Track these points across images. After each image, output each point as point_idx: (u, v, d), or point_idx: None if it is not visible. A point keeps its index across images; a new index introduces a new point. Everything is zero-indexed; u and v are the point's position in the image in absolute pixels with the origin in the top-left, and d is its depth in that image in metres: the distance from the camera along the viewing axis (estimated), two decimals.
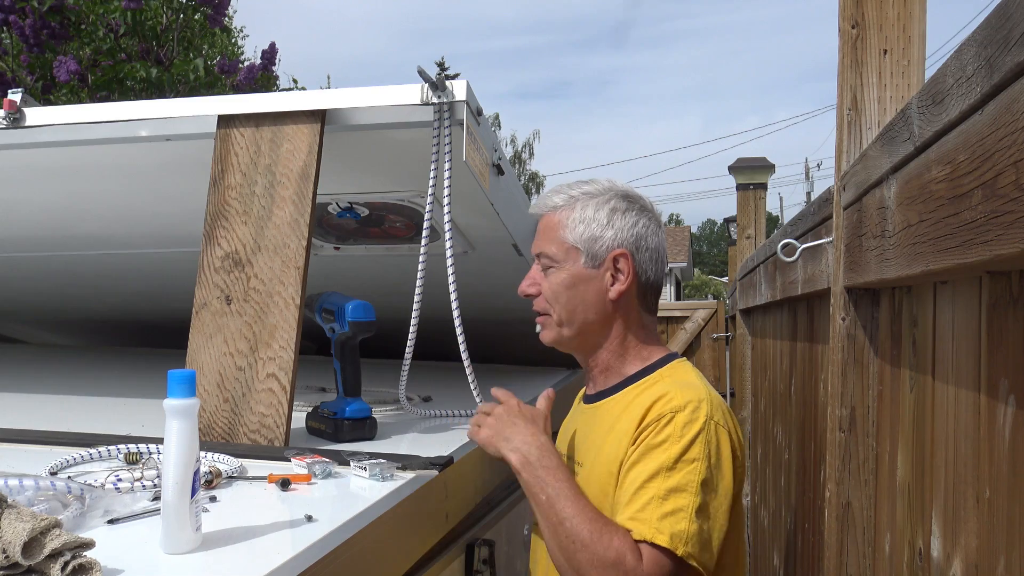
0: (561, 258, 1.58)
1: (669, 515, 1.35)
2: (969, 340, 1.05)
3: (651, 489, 1.38)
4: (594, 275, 1.57)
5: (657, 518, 1.35)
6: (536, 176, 32.17)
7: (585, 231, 1.56)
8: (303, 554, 1.07)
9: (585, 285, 1.57)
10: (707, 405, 1.45)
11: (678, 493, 1.37)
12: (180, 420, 1.08)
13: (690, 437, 1.40)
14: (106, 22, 6.00)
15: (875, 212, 1.36)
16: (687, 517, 1.35)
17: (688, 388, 1.48)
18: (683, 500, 1.36)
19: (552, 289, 1.59)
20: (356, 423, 1.77)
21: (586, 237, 1.56)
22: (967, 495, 1.05)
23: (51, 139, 2.04)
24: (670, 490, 1.37)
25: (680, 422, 1.42)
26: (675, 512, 1.36)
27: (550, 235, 1.60)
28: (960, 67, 0.91)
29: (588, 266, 1.57)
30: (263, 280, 1.75)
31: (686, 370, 1.58)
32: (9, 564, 0.92)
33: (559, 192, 1.62)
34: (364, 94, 1.84)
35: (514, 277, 2.58)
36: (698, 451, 1.40)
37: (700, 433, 1.41)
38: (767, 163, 8.10)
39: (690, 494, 1.37)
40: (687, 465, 1.39)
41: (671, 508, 1.36)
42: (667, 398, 1.46)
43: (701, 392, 1.47)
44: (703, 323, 7.40)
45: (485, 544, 1.72)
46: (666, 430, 1.42)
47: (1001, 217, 0.79)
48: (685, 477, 1.38)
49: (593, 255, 1.56)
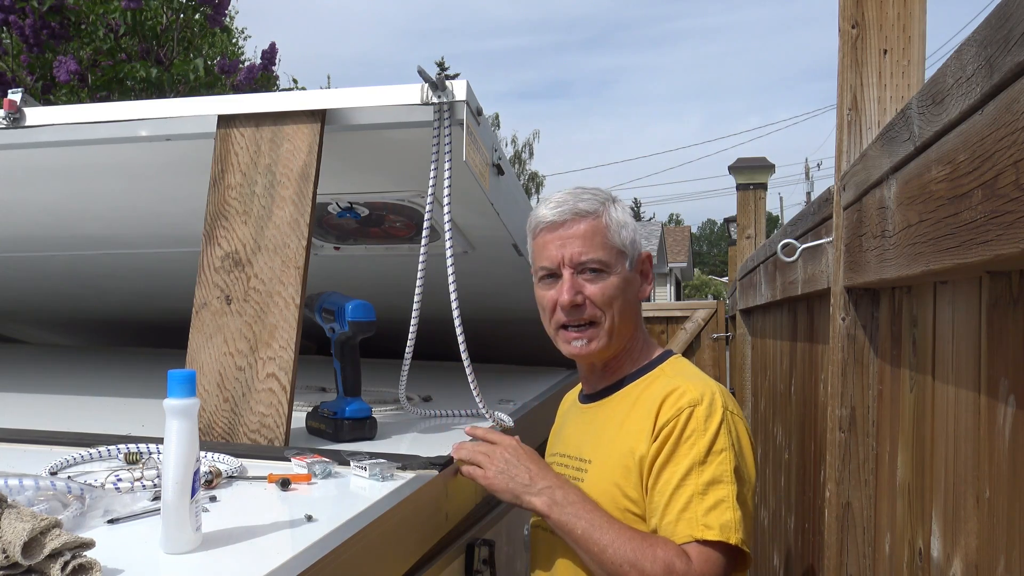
0: (612, 263, 1.56)
1: (712, 508, 1.38)
2: (969, 340, 1.05)
3: (688, 487, 1.40)
4: (633, 278, 1.60)
5: (702, 514, 1.38)
6: (536, 176, 32.17)
7: (627, 235, 1.58)
8: (303, 554, 1.07)
9: (631, 288, 1.59)
10: (720, 396, 1.48)
11: (716, 485, 1.39)
12: (180, 420, 1.08)
13: (714, 429, 1.43)
14: (106, 22, 6.01)
15: (875, 212, 1.36)
16: (730, 506, 1.38)
17: (699, 381, 1.51)
18: (722, 491, 1.39)
19: (607, 295, 1.55)
20: (356, 423, 1.77)
21: (629, 241, 1.59)
22: (967, 495, 1.05)
23: (51, 139, 2.04)
24: (708, 484, 1.40)
25: (701, 416, 1.44)
26: (718, 504, 1.38)
27: (596, 240, 1.55)
28: (960, 67, 0.91)
29: (631, 269, 1.59)
30: (263, 280, 1.74)
31: (685, 365, 1.61)
32: (9, 564, 0.92)
33: (578, 198, 1.58)
34: (364, 94, 1.84)
35: (514, 277, 2.59)
36: (724, 441, 1.42)
37: (722, 423, 1.43)
38: (767, 163, 8.10)
39: (727, 484, 1.40)
40: (717, 456, 1.41)
41: (713, 501, 1.38)
42: (679, 391, 1.47)
43: (711, 384, 1.51)
44: (703, 323, 7.40)
45: (485, 544, 1.72)
46: (690, 425, 1.43)
47: (1001, 217, 0.79)
48: (719, 468, 1.40)
49: (632, 258, 1.59)
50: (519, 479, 1.51)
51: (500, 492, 1.53)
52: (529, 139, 32.89)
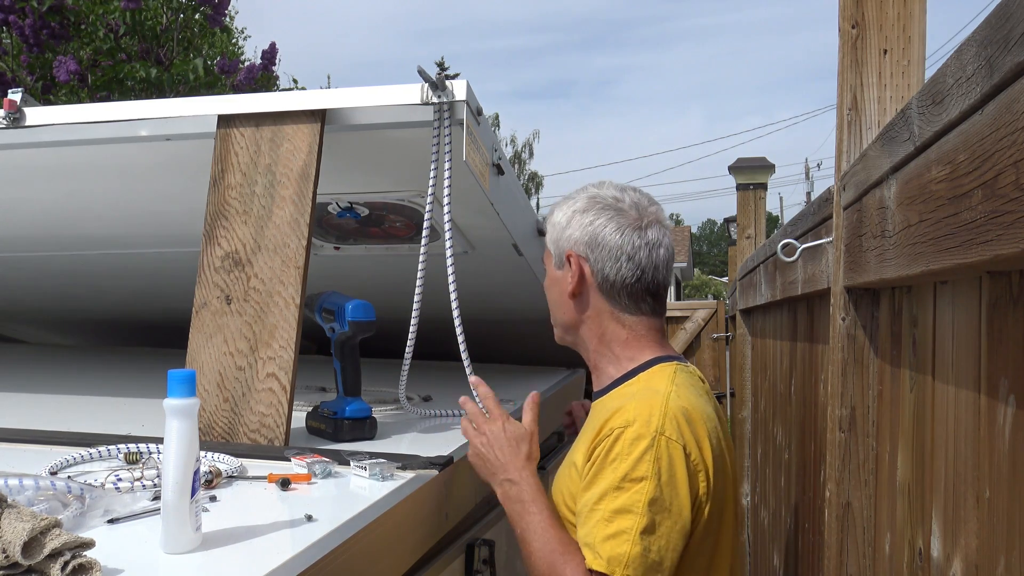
0: (546, 261, 1.69)
1: (611, 538, 1.34)
2: (969, 340, 1.05)
3: (599, 512, 1.37)
4: (560, 276, 1.64)
5: (599, 541, 1.35)
6: (536, 176, 32.17)
7: (552, 233, 1.65)
8: (303, 554, 1.08)
9: (556, 286, 1.65)
10: (659, 419, 1.40)
11: (622, 515, 1.35)
12: (180, 420, 1.08)
13: (637, 455, 1.37)
14: (106, 22, 6.01)
15: (875, 212, 1.36)
16: (629, 539, 1.33)
17: (645, 399, 1.44)
18: (627, 522, 1.34)
19: (545, 291, 1.70)
20: (356, 423, 1.77)
21: (553, 239, 1.65)
22: (967, 495, 1.05)
23: (51, 139, 2.04)
24: (615, 512, 1.35)
25: (628, 438, 1.39)
26: (617, 535, 1.34)
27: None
28: (960, 67, 0.91)
29: (556, 267, 1.65)
30: (263, 280, 1.75)
31: (663, 376, 1.52)
32: (9, 564, 0.92)
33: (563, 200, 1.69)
34: (364, 94, 1.84)
35: (514, 277, 2.59)
36: (645, 469, 1.36)
37: (648, 450, 1.37)
38: (767, 163, 8.10)
39: (635, 515, 1.34)
40: (633, 484, 1.36)
41: (614, 530, 1.34)
42: (621, 410, 1.43)
43: (656, 405, 1.42)
44: (703, 323, 7.40)
45: (485, 544, 1.72)
46: (615, 447, 1.39)
47: (1001, 217, 0.79)
48: (631, 497, 1.35)
49: (558, 256, 1.64)
50: (489, 465, 1.57)
51: (475, 469, 1.61)
52: (529, 139, 32.91)
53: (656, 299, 1.62)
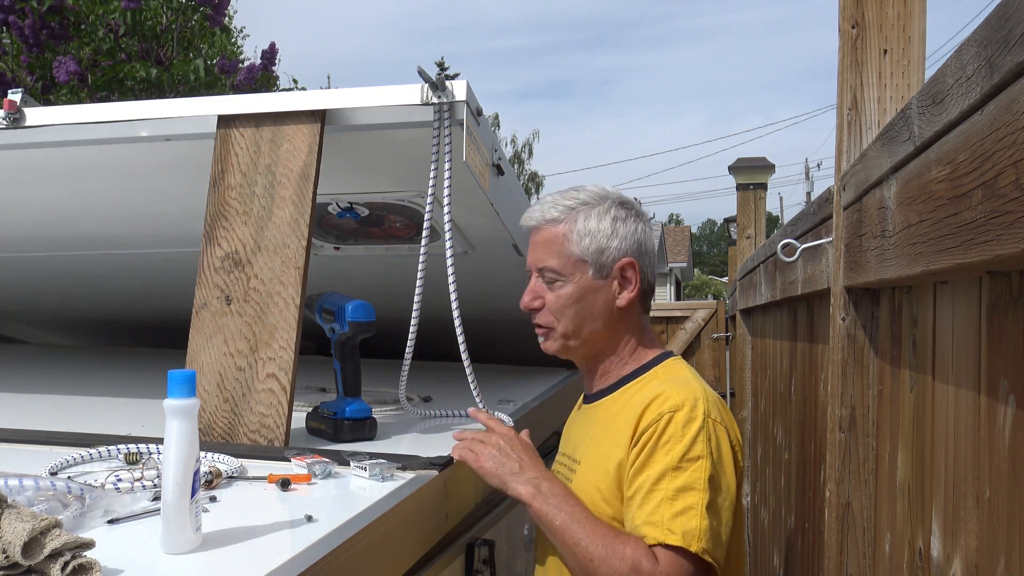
0: (568, 272, 1.57)
1: (680, 514, 1.37)
2: (969, 340, 1.05)
3: (660, 492, 1.40)
4: (602, 285, 1.57)
5: (669, 518, 1.37)
6: (536, 176, 32.14)
7: (592, 243, 1.56)
8: (303, 554, 1.07)
9: (593, 296, 1.57)
10: (704, 403, 1.46)
11: (687, 492, 1.39)
12: (180, 420, 1.08)
13: (691, 436, 1.42)
14: (106, 22, 6.00)
15: (875, 212, 1.36)
16: (698, 514, 1.37)
17: (683, 386, 1.49)
18: (692, 498, 1.38)
19: (559, 303, 1.57)
20: (356, 423, 1.77)
21: (593, 249, 1.56)
22: (967, 495, 1.05)
23: (51, 139, 2.04)
24: (678, 490, 1.39)
25: (680, 421, 1.43)
26: (686, 511, 1.38)
27: (552, 249, 1.57)
28: (960, 67, 0.91)
29: (596, 277, 1.57)
30: (263, 280, 1.74)
31: (680, 368, 1.59)
32: (9, 564, 0.92)
33: (553, 204, 1.59)
34: (364, 94, 1.84)
35: (514, 277, 2.58)
36: (701, 449, 1.41)
37: (701, 431, 1.42)
38: (767, 163, 8.10)
39: (698, 492, 1.39)
40: (692, 463, 1.40)
41: (681, 507, 1.38)
42: (663, 397, 1.47)
43: (697, 390, 1.48)
44: (703, 323, 7.40)
45: (485, 544, 1.72)
46: (668, 431, 1.43)
47: (1001, 217, 0.79)
48: (692, 475, 1.40)
49: (601, 266, 1.56)
50: (509, 466, 1.53)
51: (488, 475, 1.55)
52: (529, 139, 32.84)
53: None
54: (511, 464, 1.53)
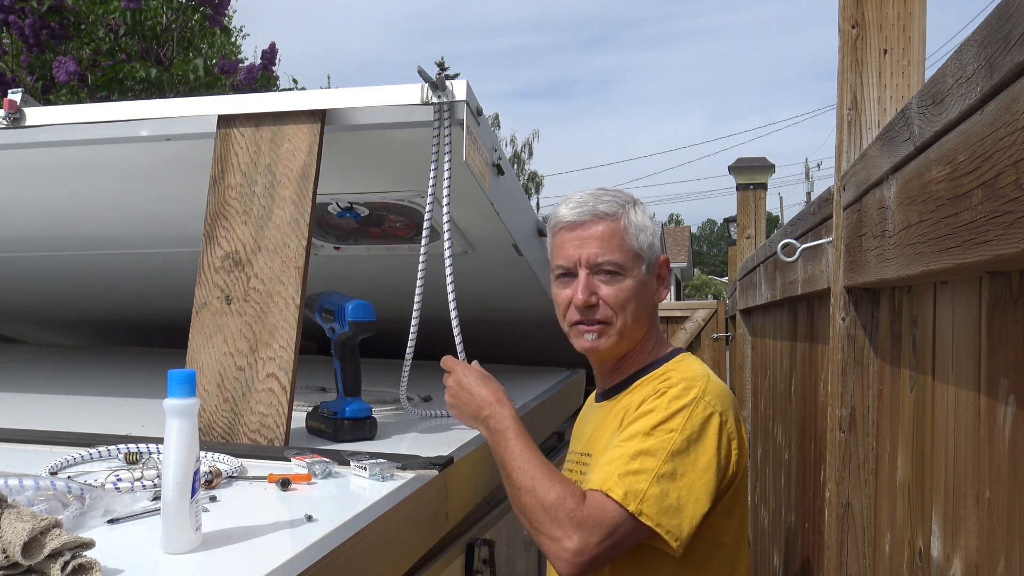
0: (629, 266, 1.57)
1: (631, 474, 1.38)
2: (969, 340, 1.05)
3: (623, 448, 1.42)
4: (649, 281, 1.61)
5: (617, 475, 1.38)
6: (536, 176, 32.15)
7: (644, 239, 1.59)
8: (303, 554, 1.08)
9: (645, 291, 1.60)
10: (702, 385, 1.48)
11: (646, 456, 1.40)
12: (180, 420, 1.08)
13: (673, 410, 1.44)
14: (106, 22, 6.00)
15: (875, 212, 1.36)
16: (648, 479, 1.37)
17: (690, 373, 1.53)
18: (649, 463, 1.39)
19: (620, 297, 1.57)
20: (356, 423, 1.77)
21: (647, 244, 1.59)
22: (967, 495, 1.05)
23: (51, 139, 2.04)
24: (639, 452, 1.40)
25: (669, 396, 1.46)
26: (637, 472, 1.38)
27: (615, 243, 1.57)
28: (960, 67, 0.91)
29: (647, 272, 1.60)
30: (263, 280, 1.74)
31: (692, 362, 1.61)
32: (9, 564, 0.92)
33: (599, 199, 1.59)
34: (364, 94, 1.84)
35: (514, 277, 2.59)
36: (677, 423, 1.42)
37: (684, 408, 1.44)
38: (767, 163, 8.10)
39: (657, 459, 1.39)
40: (663, 434, 1.42)
41: (635, 468, 1.39)
42: (666, 379, 1.52)
43: (701, 377, 1.51)
44: (703, 323, 7.40)
45: (485, 544, 1.72)
46: (656, 402, 1.46)
47: (1001, 217, 0.79)
48: (657, 443, 1.41)
49: (649, 262, 1.60)
50: (468, 408, 1.59)
51: (460, 421, 1.63)
52: (529, 139, 32.87)
53: None
54: (469, 405, 1.59)
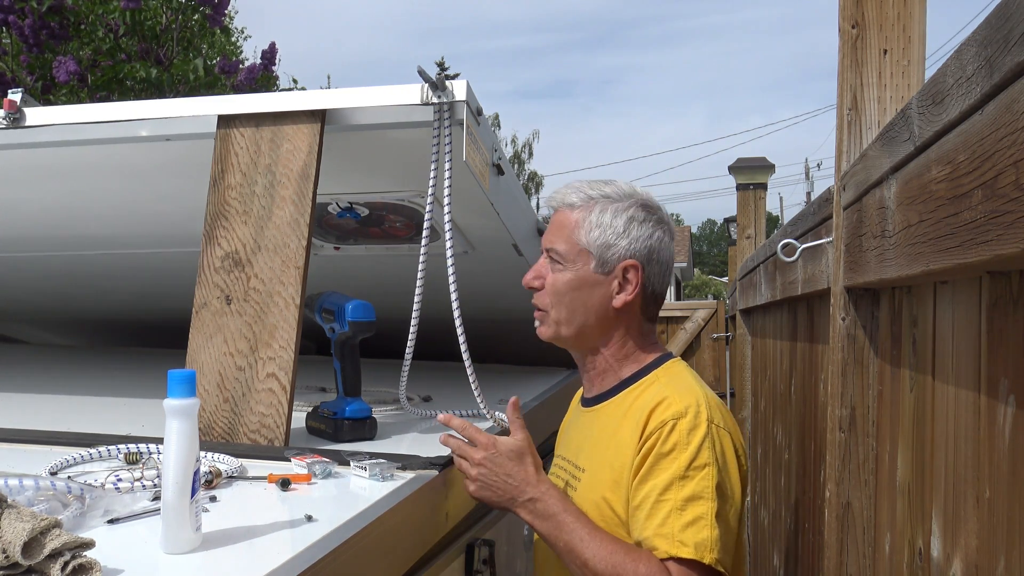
0: (571, 258, 1.56)
1: (690, 525, 1.36)
2: (969, 340, 1.05)
3: (668, 502, 1.38)
4: (601, 281, 1.56)
5: (679, 530, 1.36)
6: (536, 176, 32.14)
7: (600, 236, 1.55)
8: (303, 554, 1.07)
9: (590, 289, 1.56)
10: (706, 408, 1.45)
11: (695, 501, 1.37)
12: (180, 420, 1.08)
13: (697, 443, 1.40)
14: (105, 22, 6.00)
15: (875, 212, 1.36)
16: (708, 524, 1.36)
17: (685, 391, 1.48)
18: (701, 508, 1.37)
19: (556, 287, 1.57)
20: (356, 423, 1.77)
21: (600, 243, 1.55)
22: (967, 495, 1.05)
23: (51, 139, 2.04)
24: (687, 499, 1.37)
25: (684, 428, 1.41)
26: (696, 521, 1.36)
27: (562, 233, 1.58)
28: (960, 67, 0.91)
29: (597, 271, 1.56)
30: (263, 280, 1.74)
31: (680, 371, 1.58)
32: (9, 564, 0.92)
33: (576, 190, 1.59)
34: (364, 94, 1.84)
35: (514, 277, 2.57)
36: (707, 456, 1.40)
37: (706, 437, 1.41)
38: (767, 163, 8.11)
39: (707, 500, 1.37)
40: (699, 472, 1.39)
41: (691, 518, 1.36)
42: (666, 403, 1.45)
43: (699, 395, 1.47)
44: (703, 323, 7.41)
45: (485, 544, 1.72)
46: (672, 438, 1.41)
47: (1001, 217, 0.79)
48: (699, 484, 1.38)
49: (604, 261, 1.55)
50: (501, 491, 1.50)
51: (488, 503, 1.54)
52: (529, 139, 32.83)
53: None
54: (502, 488, 1.49)
